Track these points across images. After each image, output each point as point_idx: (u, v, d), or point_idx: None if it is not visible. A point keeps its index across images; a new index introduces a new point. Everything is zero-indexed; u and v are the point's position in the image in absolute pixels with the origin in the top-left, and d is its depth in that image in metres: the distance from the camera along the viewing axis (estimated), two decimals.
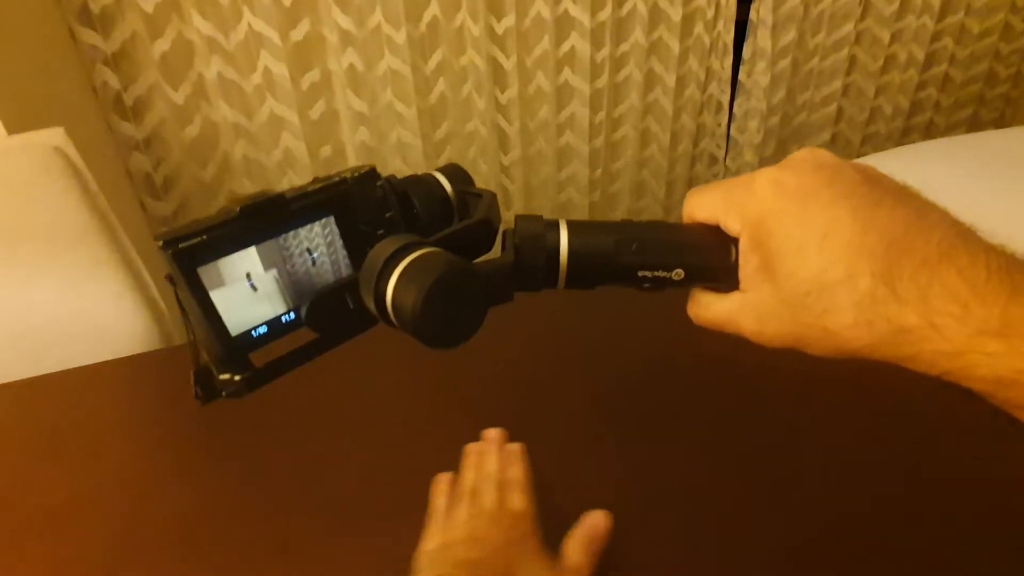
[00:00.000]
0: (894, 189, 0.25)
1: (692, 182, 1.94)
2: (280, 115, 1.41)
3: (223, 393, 0.26)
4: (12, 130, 0.94)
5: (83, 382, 0.59)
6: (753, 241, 0.25)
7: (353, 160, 1.53)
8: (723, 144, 1.88)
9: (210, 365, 0.26)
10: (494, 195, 0.31)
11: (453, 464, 0.44)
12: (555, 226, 0.27)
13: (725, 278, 0.27)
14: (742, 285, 0.27)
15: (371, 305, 0.25)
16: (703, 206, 0.28)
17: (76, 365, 0.60)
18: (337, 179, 0.27)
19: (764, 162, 1.90)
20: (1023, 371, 0.21)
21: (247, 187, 1.47)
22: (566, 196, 1.79)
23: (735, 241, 0.27)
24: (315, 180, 0.27)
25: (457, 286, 0.23)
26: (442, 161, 1.61)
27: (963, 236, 0.23)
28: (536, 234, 0.27)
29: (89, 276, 0.74)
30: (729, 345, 0.29)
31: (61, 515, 0.45)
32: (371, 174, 0.28)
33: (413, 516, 0.40)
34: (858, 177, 0.25)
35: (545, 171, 1.72)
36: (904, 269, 0.22)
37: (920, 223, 0.23)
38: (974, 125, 2.13)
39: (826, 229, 0.24)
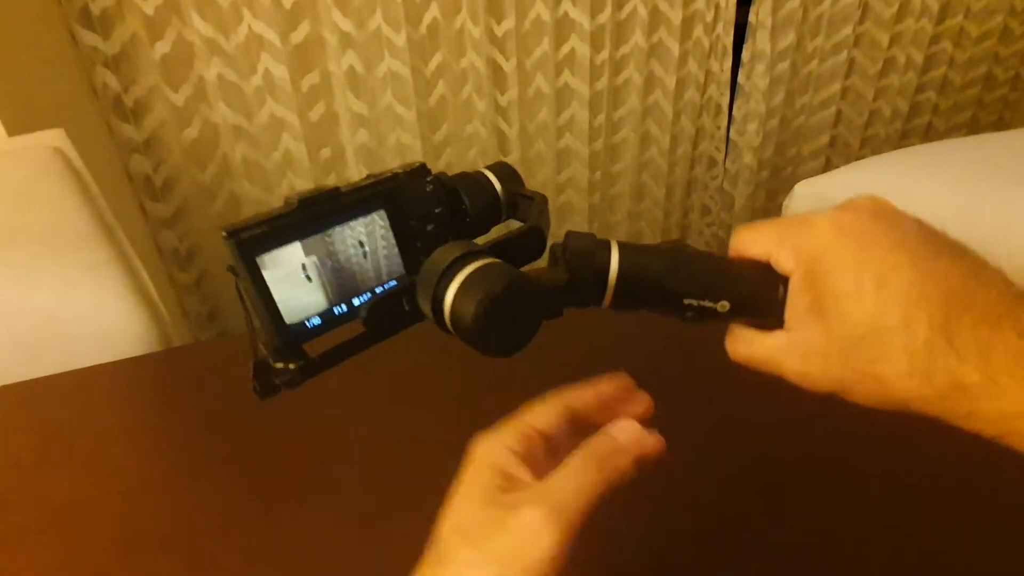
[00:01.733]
0: (951, 244, 0.25)
1: (691, 184, 1.94)
2: (280, 117, 1.41)
3: (279, 385, 0.26)
4: (12, 131, 0.94)
5: (82, 384, 0.59)
6: (807, 279, 0.25)
7: (353, 162, 1.53)
8: (722, 147, 1.89)
9: (267, 358, 0.26)
10: (545, 199, 0.31)
11: (457, 466, 0.44)
12: (606, 245, 0.28)
13: (770, 315, 0.27)
14: (788, 324, 0.26)
15: (427, 310, 0.25)
16: (755, 241, 0.27)
17: (75, 367, 0.60)
18: (389, 175, 0.28)
19: (763, 164, 1.91)
20: None
21: (247, 189, 1.47)
22: (566, 198, 1.79)
23: (784, 280, 0.26)
24: (368, 176, 0.28)
25: (515, 300, 0.24)
26: (442, 163, 1.61)
27: (1020, 296, 0.23)
28: (588, 250, 0.27)
29: (89, 278, 0.74)
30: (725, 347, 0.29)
31: (61, 516, 0.45)
32: (421, 170, 0.29)
33: (417, 519, 0.40)
34: (917, 228, 0.25)
35: (545, 173, 1.72)
36: (963, 324, 0.22)
37: (978, 279, 0.23)
38: (973, 128, 2.14)
39: (885, 274, 0.23)
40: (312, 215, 0.26)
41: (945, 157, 1.29)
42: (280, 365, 0.26)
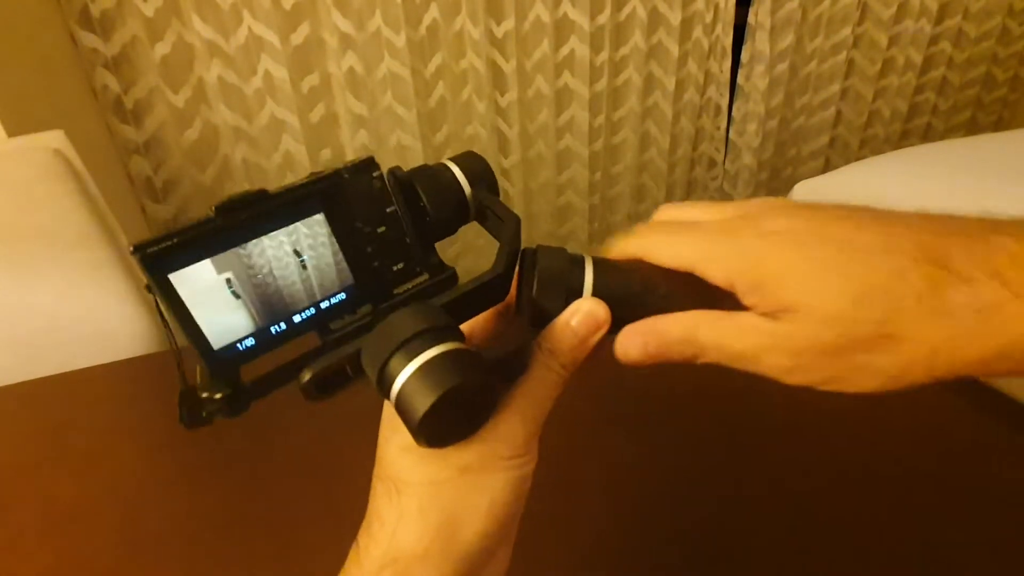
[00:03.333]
0: (892, 212, 0.23)
1: (691, 185, 1.94)
2: (280, 118, 1.42)
3: (205, 415, 0.23)
4: (12, 133, 0.95)
5: (83, 385, 0.59)
6: (756, 286, 0.22)
7: None
8: (722, 147, 1.89)
9: (193, 386, 0.24)
10: (518, 222, 0.27)
11: None
12: (580, 263, 0.25)
13: None
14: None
15: (372, 378, 0.23)
16: (677, 255, 0.24)
17: (76, 367, 0.60)
18: (329, 172, 0.25)
19: (763, 165, 1.91)
20: None
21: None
22: (566, 199, 1.79)
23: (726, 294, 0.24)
24: (311, 175, 0.25)
25: (469, 396, 0.22)
26: None
27: (983, 216, 0.21)
28: (560, 272, 0.25)
29: (89, 279, 0.74)
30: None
31: (62, 517, 0.45)
32: (366, 164, 0.25)
33: None
34: (834, 205, 0.23)
35: (545, 174, 1.72)
36: (951, 251, 0.20)
37: (933, 216, 0.21)
38: (972, 128, 2.14)
39: (845, 242, 0.21)
40: (234, 224, 0.22)
41: (944, 158, 1.30)
42: (206, 395, 0.23)
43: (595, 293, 0.25)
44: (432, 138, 1.57)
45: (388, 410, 0.26)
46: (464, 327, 0.25)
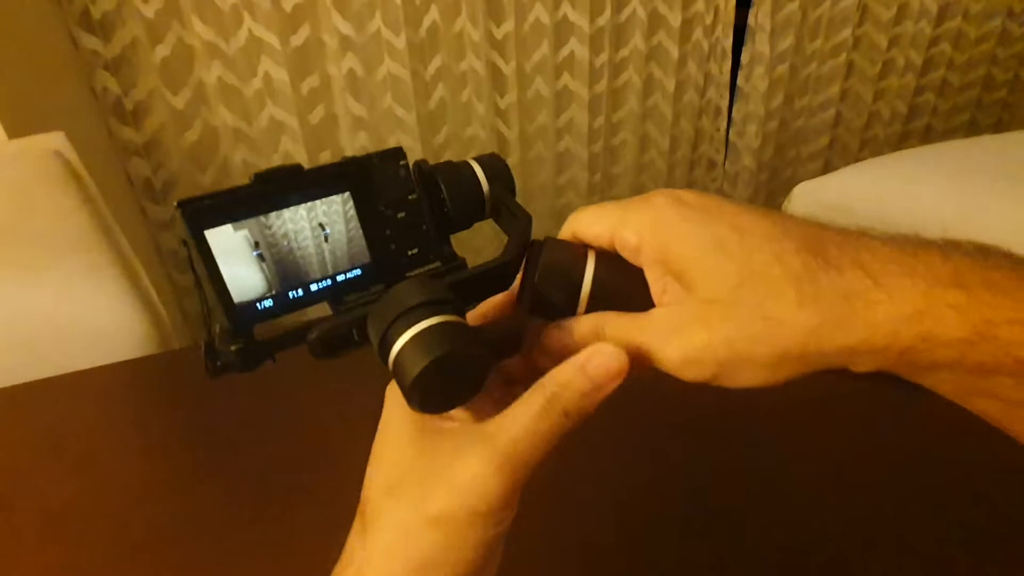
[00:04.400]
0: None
1: (691, 186, 1.95)
2: (280, 120, 1.42)
3: (222, 367, 0.25)
4: (12, 134, 0.95)
5: (82, 386, 0.59)
6: (660, 252, 0.24)
7: None
8: (722, 148, 1.89)
9: (216, 338, 0.25)
10: (530, 219, 0.29)
11: None
12: (582, 256, 0.26)
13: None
14: (658, 302, 0.24)
15: (375, 344, 0.24)
16: (597, 221, 0.26)
17: (75, 369, 0.60)
18: (360, 156, 0.27)
19: (763, 166, 1.91)
20: (992, 321, 0.19)
21: None
22: (565, 200, 1.79)
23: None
24: (343, 158, 0.27)
25: (460, 367, 0.23)
26: None
27: (864, 228, 0.23)
28: (565, 263, 0.26)
29: (88, 280, 0.74)
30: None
31: (60, 518, 0.45)
32: (395, 152, 0.27)
33: None
34: (738, 202, 0.25)
35: (544, 175, 1.73)
36: (827, 244, 0.22)
37: (818, 223, 0.23)
38: (972, 130, 2.14)
39: (739, 224, 0.23)
40: (269, 191, 0.24)
41: (944, 159, 1.30)
42: (221, 347, 0.24)
43: (594, 286, 0.26)
44: (432, 140, 1.57)
45: (377, 445, 0.26)
46: (473, 321, 0.26)
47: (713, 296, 0.22)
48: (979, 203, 1.10)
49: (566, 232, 0.27)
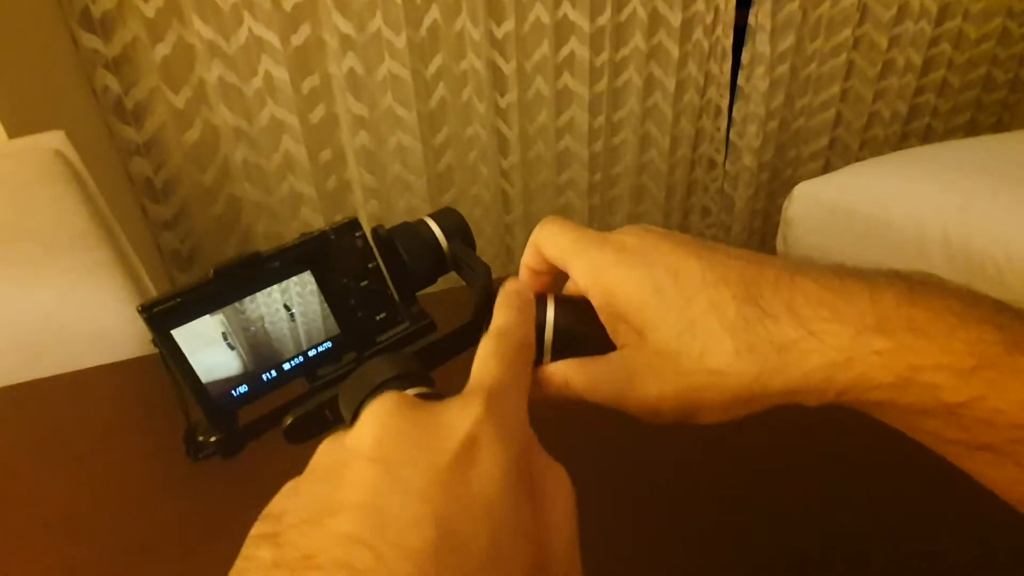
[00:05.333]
0: (719, 243, 0.25)
1: (691, 186, 1.95)
2: (280, 119, 1.42)
3: (201, 457, 0.26)
4: (13, 133, 0.95)
5: (82, 385, 0.59)
6: (606, 297, 0.24)
7: (353, 164, 1.53)
8: (722, 148, 1.89)
9: (194, 428, 0.26)
10: (488, 272, 0.29)
11: None
12: (541, 301, 0.27)
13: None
14: (615, 341, 0.25)
15: (347, 423, 0.24)
16: (555, 243, 0.26)
17: (75, 368, 0.60)
18: (316, 234, 0.27)
19: (763, 166, 1.91)
20: (917, 367, 0.20)
21: (247, 191, 1.47)
22: (565, 200, 1.79)
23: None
24: (300, 235, 0.28)
25: None
26: (442, 166, 1.61)
27: (802, 260, 0.23)
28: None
29: (89, 279, 0.74)
30: None
31: (60, 519, 0.45)
32: (350, 224, 0.28)
33: None
34: (684, 235, 0.25)
35: (544, 175, 1.73)
36: (762, 288, 0.22)
37: (757, 257, 0.24)
38: (972, 130, 2.14)
39: (676, 269, 0.23)
40: (230, 284, 0.25)
41: (944, 159, 1.30)
42: (201, 438, 0.26)
43: (555, 334, 0.26)
44: (432, 139, 1.57)
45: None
46: None
47: (658, 346, 0.23)
48: (979, 203, 1.10)
49: (531, 243, 0.28)
